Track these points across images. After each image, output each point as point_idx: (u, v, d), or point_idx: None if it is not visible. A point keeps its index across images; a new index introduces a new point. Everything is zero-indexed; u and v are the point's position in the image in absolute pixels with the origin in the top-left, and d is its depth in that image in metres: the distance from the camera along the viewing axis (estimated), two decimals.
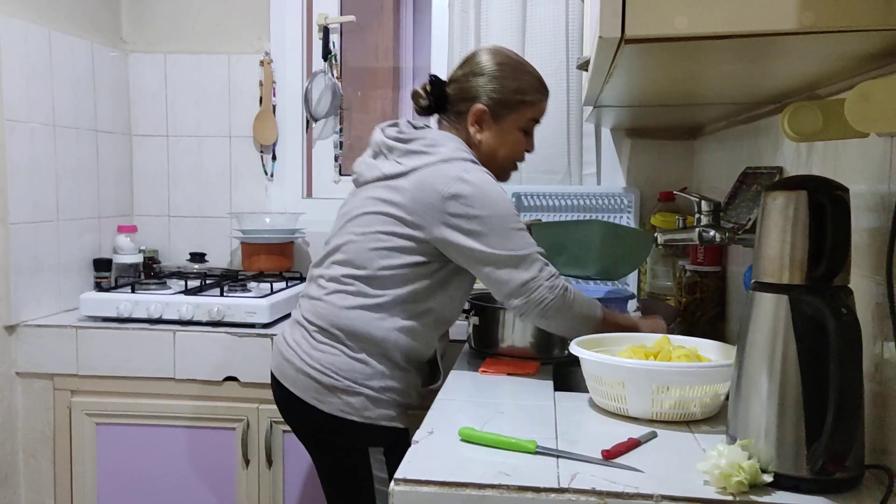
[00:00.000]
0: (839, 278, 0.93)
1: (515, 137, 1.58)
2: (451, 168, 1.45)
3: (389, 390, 1.50)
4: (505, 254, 1.43)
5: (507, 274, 1.43)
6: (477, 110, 1.54)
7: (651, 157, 2.37)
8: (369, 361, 1.49)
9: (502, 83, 1.54)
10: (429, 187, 1.44)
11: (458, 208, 1.42)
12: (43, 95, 2.15)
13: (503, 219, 1.44)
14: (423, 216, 1.44)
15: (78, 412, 2.07)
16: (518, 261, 1.43)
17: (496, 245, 1.43)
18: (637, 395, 1.20)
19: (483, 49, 1.62)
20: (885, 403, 0.97)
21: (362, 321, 1.48)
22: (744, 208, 1.59)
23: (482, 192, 1.43)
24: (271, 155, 2.59)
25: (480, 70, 1.55)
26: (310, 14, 2.63)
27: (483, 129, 1.55)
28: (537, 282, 1.43)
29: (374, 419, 1.49)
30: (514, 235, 1.44)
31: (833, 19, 0.79)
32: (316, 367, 1.49)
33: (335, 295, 1.51)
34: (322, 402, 1.49)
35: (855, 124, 0.86)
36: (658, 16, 0.81)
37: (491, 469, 0.99)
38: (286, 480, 2.04)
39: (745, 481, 0.92)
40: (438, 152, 1.48)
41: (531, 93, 1.57)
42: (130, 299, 2.09)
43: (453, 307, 1.57)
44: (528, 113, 1.57)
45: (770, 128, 1.53)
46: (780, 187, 0.96)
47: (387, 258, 1.47)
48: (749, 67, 1.06)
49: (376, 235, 1.48)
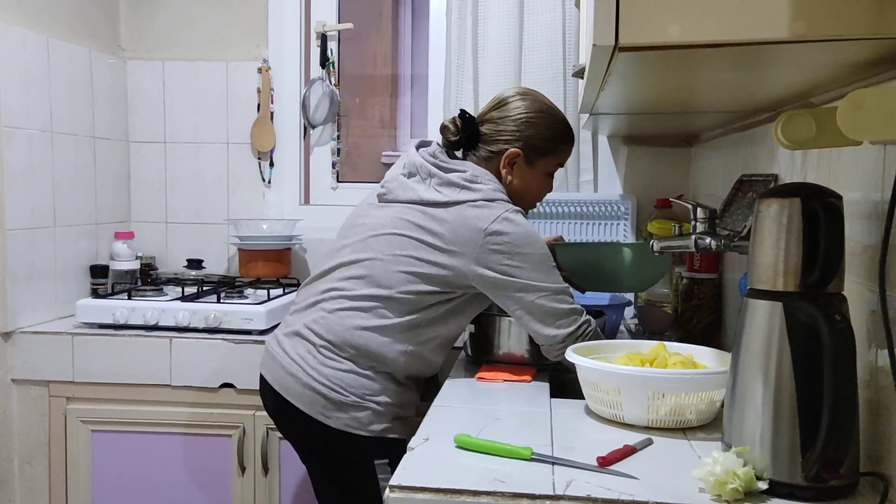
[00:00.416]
0: (833, 285, 0.93)
1: (543, 182, 1.64)
2: (495, 207, 1.49)
3: (393, 405, 1.52)
4: (546, 286, 1.49)
5: (546, 302, 1.49)
6: (511, 154, 1.58)
7: (648, 164, 2.38)
8: (377, 378, 1.51)
9: (539, 130, 1.59)
10: (472, 223, 1.47)
11: (499, 245, 1.46)
12: (41, 102, 2.16)
13: (543, 255, 1.50)
14: (462, 248, 1.47)
15: (73, 419, 2.06)
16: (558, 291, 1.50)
17: (537, 279, 1.48)
18: (633, 401, 1.20)
19: (517, 93, 1.64)
20: (880, 411, 0.97)
21: (376, 342, 1.49)
22: (739, 215, 1.60)
23: (525, 233, 1.49)
24: (269, 161, 2.60)
25: (519, 116, 1.59)
26: (308, 21, 2.63)
27: (514, 171, 1.60)
28: (573, 336, 1.50)
29: (379, 433, 1.50)
30: (553, 272, 1.51)
31: (824, 28, 0.79)
32: (324, 384, 1.49)
33: (350, 312, 1.50)
34: (329, 418, 1.49)
35: (847, 132, 0.87)
36: (651, 24, 0.82)
37: (486, 476, 0.99)
38: (282, 488, 2.04)
39: (740, 488, 0.92)
40: (480, 190, 1.51)
41: (563, 141, 1.63)
42: (127, 306, 2.09)
43: (456, 334, 1.62)
44: (557, 159, 1.63)
45: (765, 136, 1.54)
46: (773, 194, 0.97)
47: (413, 283, 1.49)
48: (743, 76, 1.07)
49: (408, 259, 1.49)
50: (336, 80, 2.64)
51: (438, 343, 1.57)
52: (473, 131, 1.61)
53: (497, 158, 1.59)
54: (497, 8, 2.33)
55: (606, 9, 0.83)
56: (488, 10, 2.35)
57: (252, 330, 2.04)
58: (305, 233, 2.53)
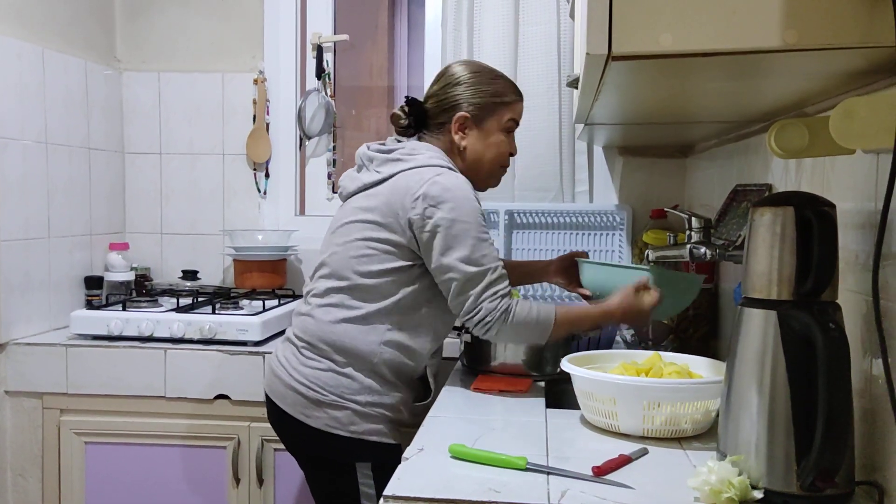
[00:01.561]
0: (827, 293, 0.94)
1: (498, 139, 1.61)
2: (425, 172, 1.49)
3: (377, 405, 1.51)
4: (457, 262, 1.44)
5: (455, 287, 1.44)
6: (459, 117, 1.58)
7: (643, 174, 2.39)
8: (356, 376, 1.50)
9: (479, 88, 1.59)
10: (402, 190, 1.48)
11: (424, 209, 1.45)
12: (36, 113, 2.16)
13: (466, 224, 1.45)
14: (396, 218, 1.47)
15: (67, 431, 2.05)
16: (468, 276, 1.44)
17: (453, 250, 1.44)
18: (628, 411, 1.20)
19: (454, 63, 1.68)
20: (875, 420, 0.97)
21: (349, 336, 1.49)
22: (734, 225, 1.60)
23: (453, 196, 1.46)
24: (264, 172, 2.60)
25: (456, 80, 1.61)
26: (304, 33, 2.64)
27: (467, 135, 1.59)
28: (478, 303, 1.44)
29: (361, 434, 1.49)
30: (477, 246, 1.45)
31: (816, 37, 0.80)
32: (303, 382, 1.51)
33: (320, 310, 1.53)
34: (308, 417, 1.50)
35: (840, 141, 0.87)
36: (644, 33, 0.82)
37: (481, 486, 0.99)
38: (277, 499, 2.02)
39: (735, 498, 0.91)
40: (415, 159, 1.53)
41: (508, 94, 1.62)
42: (121, 317, 2.08)
43: (444, 321, 1.58)
44: (507, 114, 1.61)
45: (759, 146, 1.54)
46: (767, 203, 0.97)
47: (365, 264, 1.49)
48: (736, 85, 1.07)
49: (354, 243, 1.51)
50: (332, 92, 2.65)
51: (421, 329, 1.53)
52: (420, 111, 1.63)
53: (448, 128, 1.60)
54: (492, 19, 2.35)
55: (600, 18, 0.83)
56: (483, 20, 2.36)
57: (247, 341, 2.03)
58: (301, 243, 2.53)
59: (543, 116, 2.34)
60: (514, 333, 1.47)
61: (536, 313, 1.46)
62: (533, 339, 1.50)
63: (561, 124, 2.36)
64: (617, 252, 2.36)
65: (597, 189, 2.44)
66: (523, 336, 1.49)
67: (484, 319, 1.44)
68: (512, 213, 2.39)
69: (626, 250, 2.35)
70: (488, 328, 1.45)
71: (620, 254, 2.35)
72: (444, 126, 1.60)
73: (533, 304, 1.47)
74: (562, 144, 2.36)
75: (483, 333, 1.46)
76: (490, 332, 1.45)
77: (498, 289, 1.45)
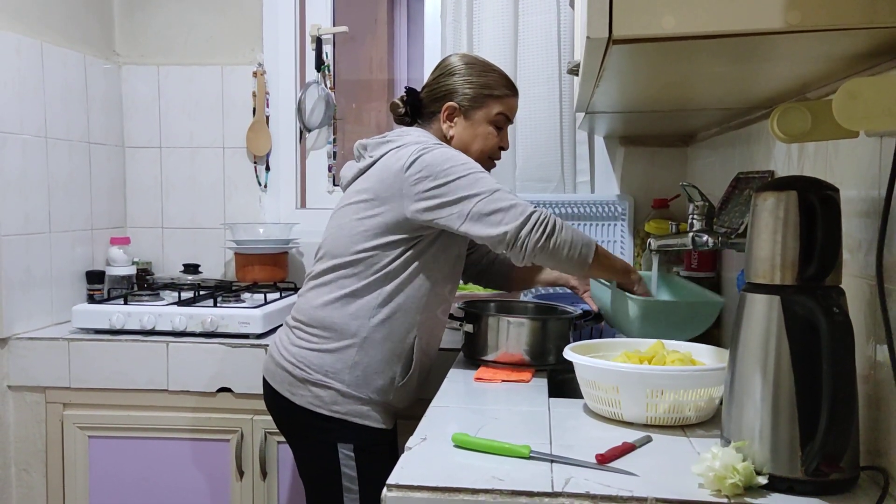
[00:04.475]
0: (830, 278, 0.93)
1: (485, 131, 1.62)
2: (412, 146, 1.52)
3: (362, 386, 1.53)
4: (477, 191, 1.44)
5: (485, 206, 1.44)
6: (447, 108, 1.61)
7: (644, 164, 2.38)
8: (342, 355, 1.52)
9: (470, 79, 1.61)
10: (392, 166, 1.51)
11: (420, 174, 1.47)
12: (35, 108, 2.15)
13: (465, 165, 1.47)
14: (391, 193, 1.49)
15: (70, 425, 2.05)
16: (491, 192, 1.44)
17: (465, 188, 1.45)
18: (631, 399, 1.19)
19: (453, 54, 1.70)
20: (880, 405, 0.97)
21: (340, 313, 1.53)
22: (737, 213, 1.60)
23: (442, 153, 1.49)
24: (265, 165, 2.59)
25: (450, 71, 1.63)
26: (303, 25, 2.63)
27: (455, 124, 1.62)
28: (524, 212, 1.43)
29: (344, 414, 1.52)
30: (483, 177, 1.47)
31: (819, 18, 0.79)
32: (290, 361, 1.55)
33: (313, 291, 1.58)
34: (294, 395, 1.54)
35: (843, 122, 0.86)
36: (645, 16, 0.82)
37: (484, 474, 0.98)
38: (280, 492, 2.02)
39: (739, 483, 0.91)
40: (403, 139, 1.56)
41: (498, 88, 1.62)
42: (123, 311, 2.08)
43: (436, 295, 1.57)
44: (497, 107, 1.62)
45: (761, 133, 1.53)
46: (769, 188, 0.96)
47: (360, 242, 1.52)
48: (738, 69, 1.06)
49: (350, 223, 1.55)
50: (331, 84, 2.64)
51: (411, 304, 1.53)
52: (416, 100, 1.66)
53: (438, 116, 1.63)
54: (491, 10, 2.34)
55: (600, 1, 0.82)
56: (483, 11, 2.35)
57: (249, 334, 2.03)
58: (302, 236, 2.52)
59: (544, 107, 2.34)
60: (569, 241, 1.45)
61: (581, 231, 1.50)
62: (577, 259, 1.47)
63: (562, 115, 2.35)
64: (619, 242, 2.35)
65: (598, 179, 2.43)
66: (574, 249, 1.46)
67: (540, 219, 1.43)
68: None
69: (627, 240, 2.35)
70: (544, 226, 1.42)
71: (622, 244, 2.35)
72: (436, 115, 1.63)
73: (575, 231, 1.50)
74: (562, 135, 2.36)
75: (539, 237, 1.42)
76: (547, 235, 1.43)
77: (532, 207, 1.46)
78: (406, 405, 1.62)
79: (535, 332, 1.62)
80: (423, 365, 1.61)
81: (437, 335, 1.65)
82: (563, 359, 1.31)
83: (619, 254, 2.32)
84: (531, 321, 1.64)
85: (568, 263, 1.49)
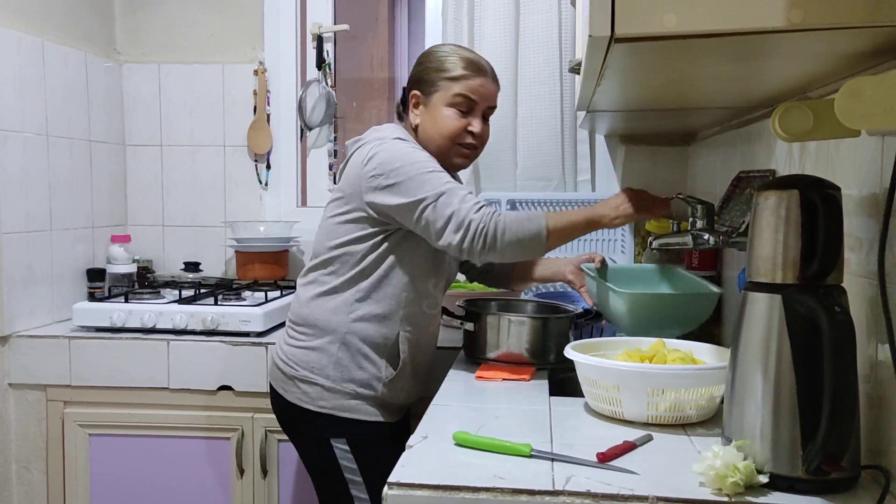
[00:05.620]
0: (832, 277, 0.93)
1: (444, 114, 1.57)
2: (373, 144, 1.53)
3: (347, 381, 1.54)
4: (423, 195, 1.44)
5: (431, 214, 1.44)
6: (412, 95, 1.62)
7: (645, 163, 2.37)
8: (325, 351, 1.54)
9: (426, 65, 1.61)
10: (356, 161, 1.54)
11: (373, 169, 1.49)
12: (36, 106, 2.15)
13: (415, 165, 1.47)
14: (353, 189, 1.52)
15: (71, 423, 2.05)
16: (437, 197, 1.44)
17: (414, 191, 1.45)
18: (632, 398, 1.19)
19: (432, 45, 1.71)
20: (882, 405, 0.97)
21: (319, 310, 1.56)
22: (738, 212, 1.60)
23: (395, 149, 1.50)
24: (265, 164, 2.59)
25: (418, 60, 1.65)
26: (304, 23, 2.63)
27: (418, 113, 1.62)
28: (463, 219, 1.41)
29: (331, 409, 1.54)
30: (431, 178, 1.46)
31: (821, 16, 0.79)
32: (282, 359, 1.60)
33: (301, 289, 1.62)
34: (287, 392, 1.58)
35: (845, 121, 0.86)
36: (647, 14, 0.82)
37: (485, 472, 0.99)
38: (281, 490, 2.02)
39: (740, 482, 0.91)
40: (370, 136, 1.58)
41: (456, 69, 1.57)
42: (124, 309, 2.08)
43: (416, 287, 1.56)
44: (454, 88, 1.56)
45: (763, 132, 1.53)
46: (771, 187, 0.96)
47: (334, 238, 1.55)
48: (740, 68, 1.06)
49: (325, 221, 1.59)
50: (332, 82, 2.64)
51: (390, 295, 1.53)
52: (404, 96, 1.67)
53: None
54: (493, 8, 2.33)
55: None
56: (484, 10, 2.35)
57: (250, 332, 2.03)
58: (303, 235, 2.52)
59: (545, 105, 2.34)
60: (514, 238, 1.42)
61: (526, 216, 1.44)
62: (531, 247, 1.44)
63: (563, 113, 2.35)
64: (619, 241, 2.35)
65: (599, 178, 2.43)
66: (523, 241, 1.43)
67: (478, 230, 1.41)
68: (514, 203, 2.37)
69: (628, 239, 2.34)
70: (484, 237, 1.41)
71: (623, 242, 2.35)
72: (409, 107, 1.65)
73: (519, 213, 1.47)
74: (563, 133, 2.36)
75: (482, 248, 1.41)
76: (490, 244, 1.41)
77: (475, 201, 1.45)
78: (409, 400, 1.63)
79: (536, 331, 1.62)
80: (416, 359, 1.61)
81: (428, 330, 1.63)
82: (564, 357, 1.31)
83: (619, 253, 2.32)
84: (532, 320, 1.64)
85: (524, 255, 1.51)
